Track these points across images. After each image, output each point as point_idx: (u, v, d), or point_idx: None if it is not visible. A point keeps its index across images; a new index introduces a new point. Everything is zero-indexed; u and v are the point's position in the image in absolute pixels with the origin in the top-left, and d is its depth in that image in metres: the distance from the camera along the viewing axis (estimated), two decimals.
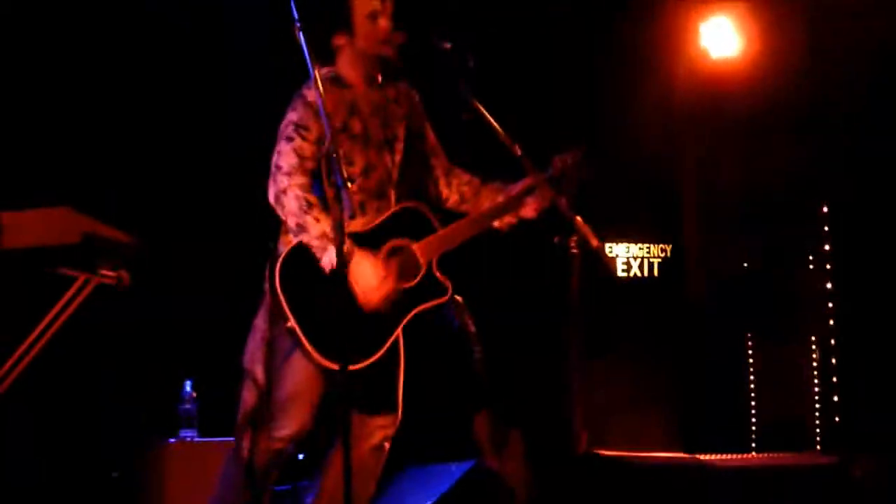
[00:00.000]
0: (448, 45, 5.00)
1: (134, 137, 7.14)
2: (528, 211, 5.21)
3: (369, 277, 4.89)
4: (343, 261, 4.60)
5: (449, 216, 5.24)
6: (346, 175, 4.32)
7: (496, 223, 5.24)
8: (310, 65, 4.46)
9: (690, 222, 8.47)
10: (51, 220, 4.56)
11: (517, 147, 4.94)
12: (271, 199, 4.99)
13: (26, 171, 6.62)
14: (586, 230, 4.94)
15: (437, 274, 5.07)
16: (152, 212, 6.84)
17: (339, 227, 4.34)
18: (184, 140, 7.24)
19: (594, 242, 4.93)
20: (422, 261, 5.04)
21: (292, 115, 5.06)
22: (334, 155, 4.35)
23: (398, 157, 5.20)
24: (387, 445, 5.18)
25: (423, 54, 5.05)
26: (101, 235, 4.70)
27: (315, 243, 4.87)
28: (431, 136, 5.41)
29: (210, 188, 7.22)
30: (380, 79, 5.24)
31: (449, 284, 5.07)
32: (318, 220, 4.87)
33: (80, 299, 4.92)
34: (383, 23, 5.12)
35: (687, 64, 8.44)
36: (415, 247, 5.05)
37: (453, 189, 5.38)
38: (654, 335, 8.20)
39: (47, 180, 6.63)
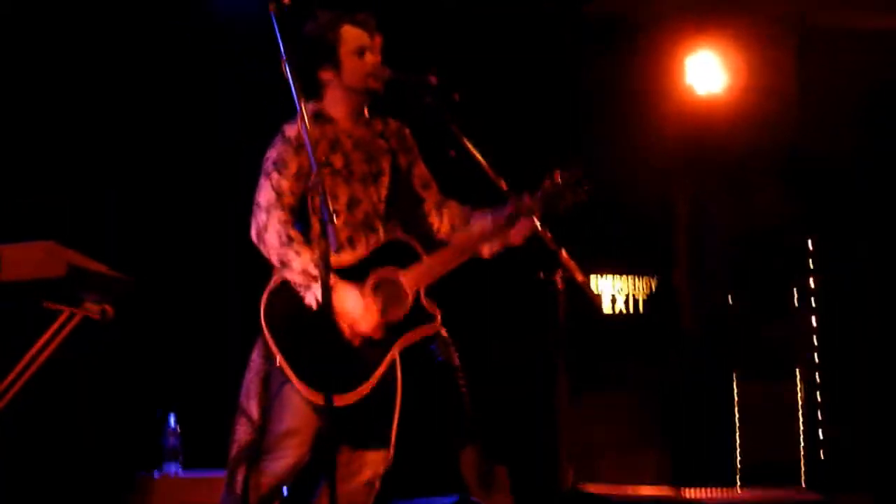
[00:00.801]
0: (434, 80, 4.98)
1: (125, 168, 7.12)
2: (515, 237, 5.15)
3: (354, 309, 4.88)
4: (328, 295, 4.58)
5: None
6: (331, 209, 4.28)
7: (483, 250, 5.20)
8: (296, 99, 4.42)
9: (679, 257, 8.46)
10: (35, 254, 4.53)
11: (503, 182, 4.94)
12: (253, 236, 5.00)
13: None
14: (571, 264, 4.88)
15: (425, 303, 5.04)
16: (139, 244, 6.89)
17: (325, 260, 4.29)
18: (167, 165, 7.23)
19: (579, 277, 4.89)
20: (408, 290, 5.01)
21: (271, 153, 5.07)
22: (319, 188, 4.31)
23: (384, 191, 5.21)
24: (377, 483, 5.16)
25: (410, 88, 5.03)
26: (85, 269, 4.68)
27: (297, 279, 4.88)
28: (423, 170, 5.40)
29: (198, 223, 7.21)
30: (367, 113, 5.25)
31: (437, 313, 5.04)
32: (298, 254, 4.86)
33: (64, 333, 4.89)
34: (370, 58, 5.14)
35: (674, 99, 8.46)
36: (401, 277, 5.02)
37: (444, 220, 5.35)
38: (640, 370, 8.18)
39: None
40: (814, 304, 7.87)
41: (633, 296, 8.27)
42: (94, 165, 6.96)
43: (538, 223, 5.00)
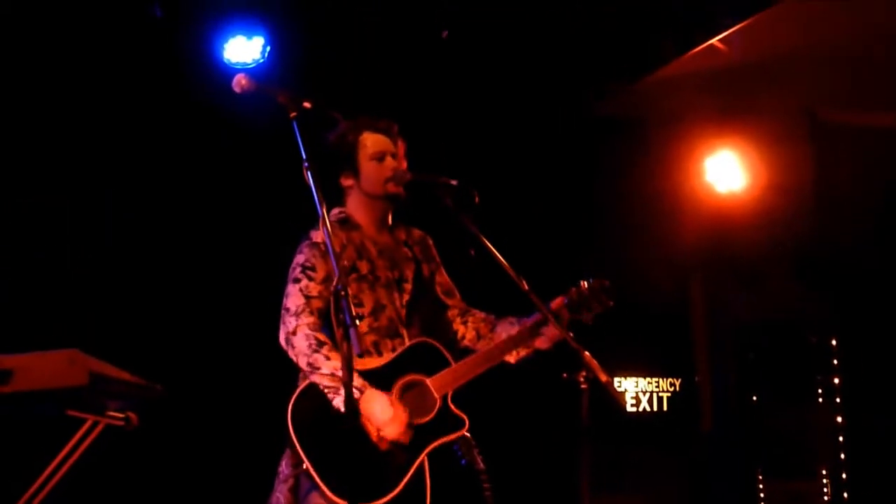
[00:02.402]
0: (454, 182, 4.99)
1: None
2: (543, 342, 5.17)
3: (382, 414, 4.83)
4: (353, 399, 4.58)
5: (465, 355, 5.20)
6: (354, 313, 4.23)
7: (509, 357, 5.20)
8: (318, 204, 4.40)
9: (701, 357, 8.42)
10: (58, 362, 4.50)
11: (523, 282, 4.90)
12: (282, 341, 4.98)
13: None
14: (595, 365, 4.81)
15: (452, 407, 5.01)
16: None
17: (348, 364, 4.21)
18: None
19: (603, 377, 4.78)
20: (436, 395, 5.00)
21: (299, 258, 5.08)
22: (343, 293, 4.22)
23: (406, 297, 5.21)
24: None
25: (431, 190, 5.03)
26: (108, 376, 4.65)
27: (326, 382, 4.85)
28: (445, 278, 5.43)
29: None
30: (390, 219, 5.29)
31: (465, 418, 5.02)
32: (328, 358, 4.84)
33: (88, 442, 4.85)
34: (391, 163, 5.18)
35: (692, 198, 8.48)
36: (429, 381, 5.01)
37: (469, 327, 5.35)
38: (663, 469, 8.12)
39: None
40: (838, 401, 7.78)
41: (657, 395, 8.22)
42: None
43: (563, 329, 4.98)
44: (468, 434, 5.08)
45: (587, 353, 4.80)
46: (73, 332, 5.97)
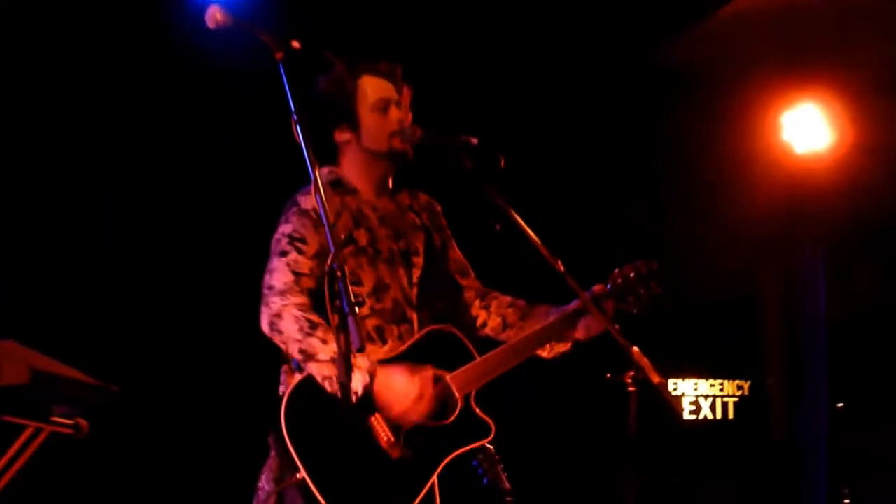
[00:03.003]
0: (475, 141, 4.89)
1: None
2: (582, 333, 5.14)
3: (409, 389, 4.78)
4: (350, 400, 4.36)
5: (486, 345, 5.15)
6: (352, 298, 4.03)
7: (542, 351, 5.17)
8: (309, 165, 4.27)
9: (774, 355, 8.36)
10: None
11: (559, 264, 4.80)
12: (265, 326, 4.89)
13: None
14: (645, 363, 4.73)
15: (477, 410, 4.96)
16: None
17: (345, 362, 4.04)
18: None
19: (655, 378, 4.72)
20: (458, 394, 4.92)
21: (285, 227, 5.00)
22: (338, 273, 4.06)
23: (417, 273, 5.16)
24: None
25: (446, 151, 4.94)
26: (53, 375, 4.59)
27: (326, 371, 4.73)
28: (458, 253, 5.38)
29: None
30: (391, 182, 5.23)
31: (491, 423, 4.96)
32: (325, 342, 4.74)
33: (28, 453, 4.79)
34: (395, 114, 5.09)
35: (767, 160, 8.41)
36: (449, 378, 4.93)
37: (492, 313, 5.32)
38: (729, 490, 8.10)
39: None
40: None
41: (722, 400, 8.17)
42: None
43: (607, 319, 4.92)
44: (491, 446, 5.00)
45: (636, 348, 4.74)
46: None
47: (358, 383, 4.70)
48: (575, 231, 6.54)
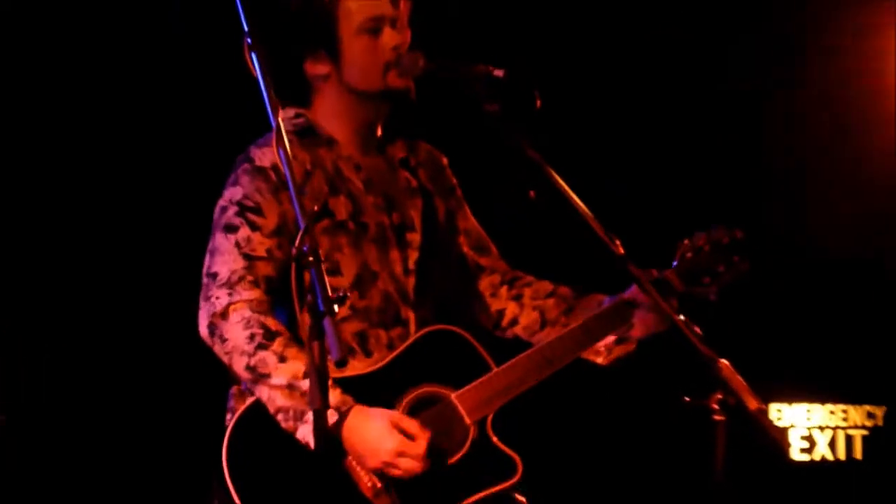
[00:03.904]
0: (501, 73, 4.73)
1: None
2: (639, 331, 5.13)
3: (383, 443, 4.67)
4: (327, 437, 4.38)
5: (507, 350, 5.07)
6: (329, 292, 3.84)
7: (594, 356, 5.17)
8: (269, 106, 4.16)
9: None
10: None
11: (617, 243, 4.60)
12: (202, 329, 4.84)
13: None
14: (738, 382, 4.56)
15: (496, 440, 4.88)
16: None
17: (319, 380, 3.84)
18: None
19: (752, 403, 4.51)
20: (468, 419, 4.86)
21: (233, 192, 4.94)
22: (310, 258, 3.89)
23: (414, 256, 5.12)
24: None
25: (460, 87, 4.79)
26: None
27: (280, 400, 4.68)
28: (472, 222, 5.40)
29: None
30: (380, 131, 5.14)
31: (517, 459, 4.89)
32: (284, 359, 4.70)
33: None
34: (391, 37, 4.99)
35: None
36: (455, 397, 4.88)
37: (526, 304, 5.34)
38: None
39: None
40: None
41: (845, 433, 8.06)
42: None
43: (678, 312, 4.64)
44: (518, 492, 4.96)
45: (725, 361, 4.50)
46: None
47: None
48: (639, 202, 6.32)
